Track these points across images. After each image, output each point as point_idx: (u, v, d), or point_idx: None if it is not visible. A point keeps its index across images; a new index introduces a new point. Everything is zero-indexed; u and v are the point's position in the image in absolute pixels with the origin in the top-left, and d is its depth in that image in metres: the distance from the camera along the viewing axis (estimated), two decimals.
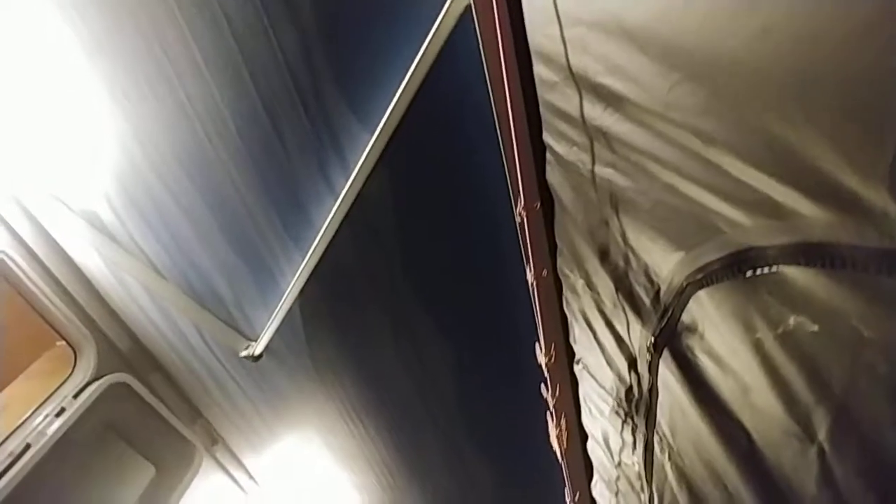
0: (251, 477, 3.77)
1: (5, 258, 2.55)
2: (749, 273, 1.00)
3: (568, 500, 2.21)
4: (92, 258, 2.59)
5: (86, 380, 2.79)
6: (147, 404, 2.99)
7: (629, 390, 1.54)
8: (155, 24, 1.61)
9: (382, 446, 2.64)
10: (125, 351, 2.96)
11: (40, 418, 2.63)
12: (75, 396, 2.73)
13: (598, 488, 2.14)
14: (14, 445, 2.48)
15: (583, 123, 1.24)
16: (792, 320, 0.95)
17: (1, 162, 2.27)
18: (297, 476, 3.42)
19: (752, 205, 0.94)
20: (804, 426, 1.02)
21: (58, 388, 2.75)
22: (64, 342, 2.91)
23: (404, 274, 1.84)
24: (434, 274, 1.82)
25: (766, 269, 0.97)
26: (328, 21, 1.46)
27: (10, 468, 2.43)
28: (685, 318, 1.20)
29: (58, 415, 2.66)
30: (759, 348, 1.05)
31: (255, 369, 2.54)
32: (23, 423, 2.59)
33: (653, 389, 1.42)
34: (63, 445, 2.58)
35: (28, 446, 2.52)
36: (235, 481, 3.70)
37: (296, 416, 2.82)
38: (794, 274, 0.91)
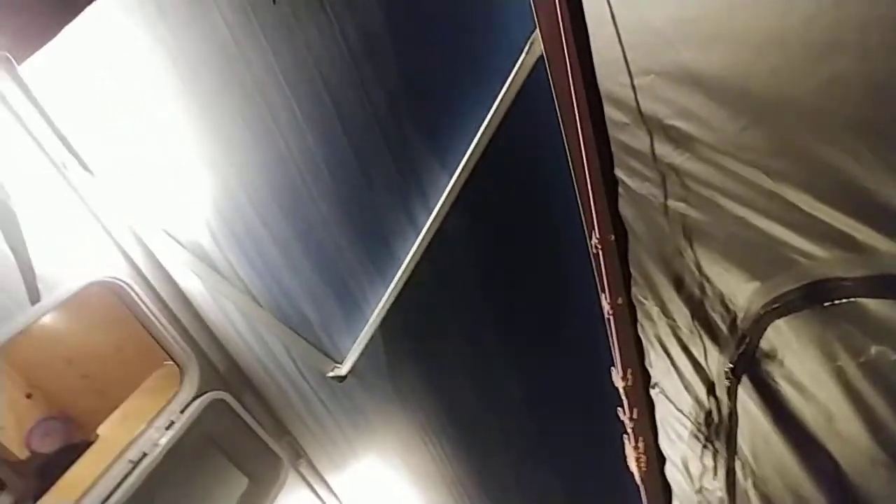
0: (333, 492, 3.96)
1: (125, 286, 2.90)
2: (827, 303, 1.04)
3: None
4: (195, 285, 2.90)
5: (190, 397, 3.08)
6: (241, 420, 3.25)
7: (708, 415, 1.56)
8: (258, 82, 1.85)
9: (458, 466, 2.74)
10: (223, 371, 3.25)
11: (153, 430, 2.94)
12: (182, 412, 3.02)
13: None
14: (133, 454, 2.79)
15: (654, 161, 1.32)
16: (874, 350, 0.98)
17: (122, 199, 2.62)
18: (377, 493, 3.57)
19: (827, 238, 0.99)
20: (892, 454, 1.04)
21: (167, 404, 3.06)
22: (171, 362, 3.24)
23: (482, 305, 1.95)
24: (510, 304, 1.93)
25: (844, 300, 1.01)
26: (412, 75, 1.63)
27: (129, 475, 2.73)
28: (763, 345, 1.23)
29: (167, 428, 2.96)
30: (840, 376, 1.08)
31: (339, 390, 2.72)
32: (140, 434, 2.90)
33: (732, 415, 1.44)
34: (172, 456, 2.86)
35: (144, 455, 2.82)
36: (318, 496, 3.90)
37: (376, 435, 2.98)
38: (874, 305, 0.95)
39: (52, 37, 1.72)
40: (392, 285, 1.99)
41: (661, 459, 2.01)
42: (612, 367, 1.64)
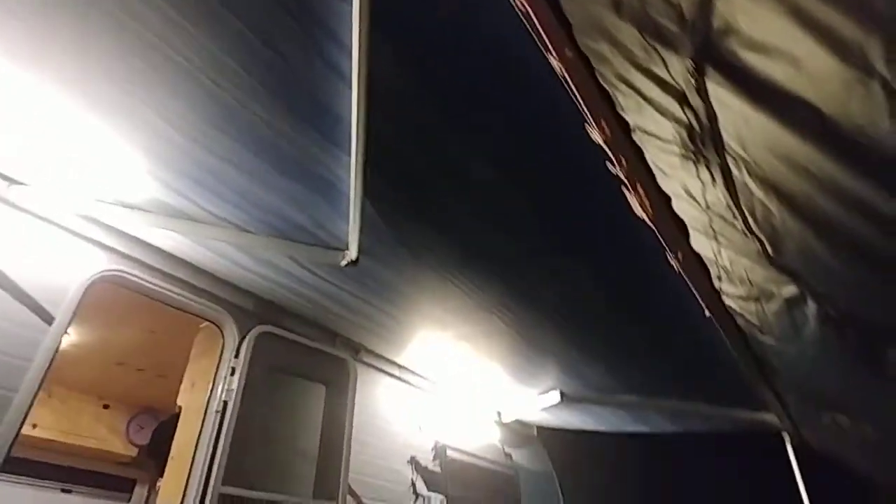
0: (399, 366, 4.31)
1: (122, 274, 2.91)
2: None
3: (672, 262, 2.35)
4: (187, 244, 2.89)
5: (236, 342, 3.23)
6: (291, 341, 3.44)
7: (690, 129, 1.57)
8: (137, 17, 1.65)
9: (490, 291, 2.90)
10: (253, 308, 3.37)
11: (221, 381, 3.13)
12: (236, 357, 3.19)
13: (698, 241, 2.24)
14: (216, 405, 3.01)
15: None
16: None
17: (67, 194, 2.52)
18: (435, 351, 3.86)
19: None
20: (861, 64, 1.03)
21: (220, 356, 3.23)
22: (206, 322, 3.36)
23: (447, 127, 1.90)
24: (473, 108, 1.86)
25: None
26: None
27: (222, 422, 2.97)
28: (716, 22, 1.18)
29: (232, 374, 3.15)
30: (796, 12, 1.04)
31: (359, 273, 2.81)
32: (212, 389, 3.10)
33: (710, 114, 1.44)
34: (249, 394, 3.09)
35: (225, 403, 3.05)
36: (389, 374, 4.24)
37: (408, 299, 3.13)
38: None
39: None
40: (353, 147, 1.94)
41: (666, 199, 2.07)
42: (586, 125, 1.62)
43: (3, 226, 2.49)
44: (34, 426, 4.39)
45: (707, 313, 2.68)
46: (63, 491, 4.71)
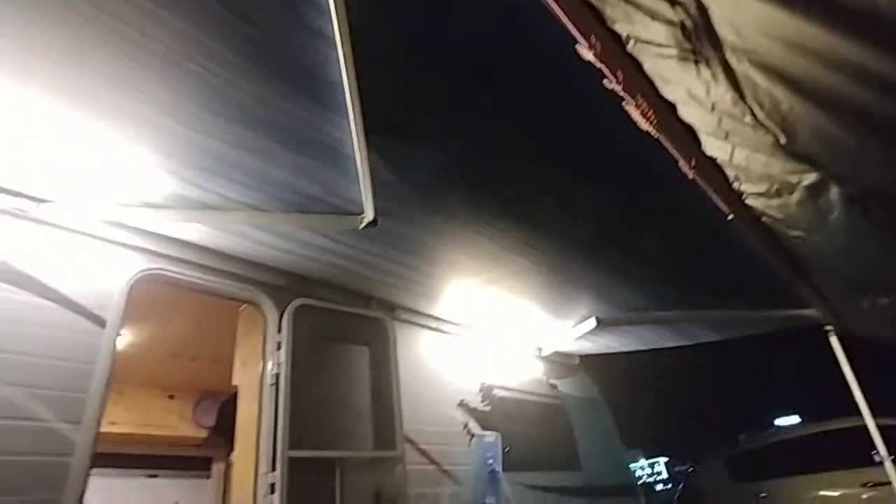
0: (435, 318, 4.43)
1: (160, 272, 3.05)
2: None
3: (687, 171, 2.31)
4: (212, 233, 3.00)
5: (277, 318, 3.38)
6: (328, 310, 3.57)
7: (683, 28, 1.52)
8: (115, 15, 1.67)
9: (514, 230, 2.92)
10: (286, 284, 3.50)
11: (270, 357, 3.30)
12: (279, 332, 3.34)
13: (710, 145, 2.20)
14: (269, 379, 3.19)
15: None
16: None
17: (91, 203, 2.63)
18: (469, 299, 3.95)
19: None
20: None
21: (264, 333, 3.39)
22: (243, 304, 3.51)
23: (440, 72, 1.88)
24: (456, 50, 1.84)
25: None
26: None
27: (278, 395, 3.15)
28: None
29: (278, 349, 3.31)
30: None
31: (380, 233, 2.87)
32: (264, 365, 3.28)
33: (700, 7, 1.39)
34: (297, 364, 3.25)
35: (277, 376, 3.22)
36: (426, 327, 4.38)
37: (432, 250, 3.19)
38: None
39: None
40: (350, 109, 1.94)
41: (671, 107, 2.02)
42: (576, 45, 1.59)
43: (40, 243, 2.62)
44: (113, 423, 4.73)
45: (730, 216, 2.66)
46: (149, 476, 5.13)
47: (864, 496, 6.63)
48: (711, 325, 4.59)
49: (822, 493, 7.04)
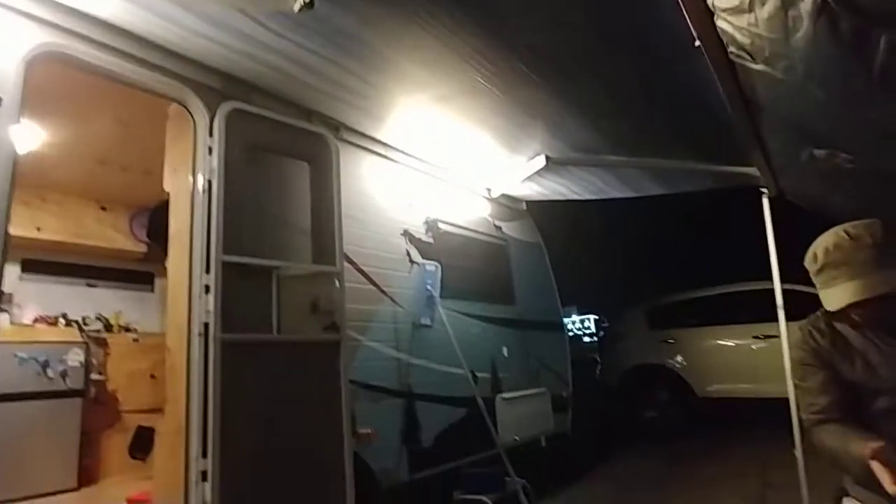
0: (385, 144, 4.27)
1: (67, 51, 2.67)
2: None
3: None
4: (128, 12, 2.60)
5: (206, 122, 3.12)
6: (265, 118, 3.33)
7: None
8: None
9: (464, 37, 2.66)
10: (219, 87, 3.20)
11: (201, 163, 3.11)
12: (210, 135, 3.11)
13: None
14: (201, 185, 3.04)
15: None
16: None
17: None
18: (416, 116, 3.75)
19: None
20: None
21: (195, 138, 3.15)
22: (174, 105, 3.21)
23: None
24: None
25: None
26: None
27: (210, 201, 3.03)
28: None
29: (210, 154, 3.11)
30: None
31: (318, 25, 2.56)
32: (194, 171, 3.10)
33: None
34: (232, 172, 3.08)
35: (210, 182, 3.06)
36: (374, 153, 4.23)
37: (377, 53, 2.87)
38: None
39: None
40: None
41: None
42: None
43: None
44: (38, 229, 4.56)
45: (697, 42, 2.51)
46: (89, 285, 5.13)
47: (754, 346, 7.62)
48: (656, 177, 4.67)
49: (720, 342, 8.05)
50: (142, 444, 4.48)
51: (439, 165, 4.68)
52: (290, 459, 3.03)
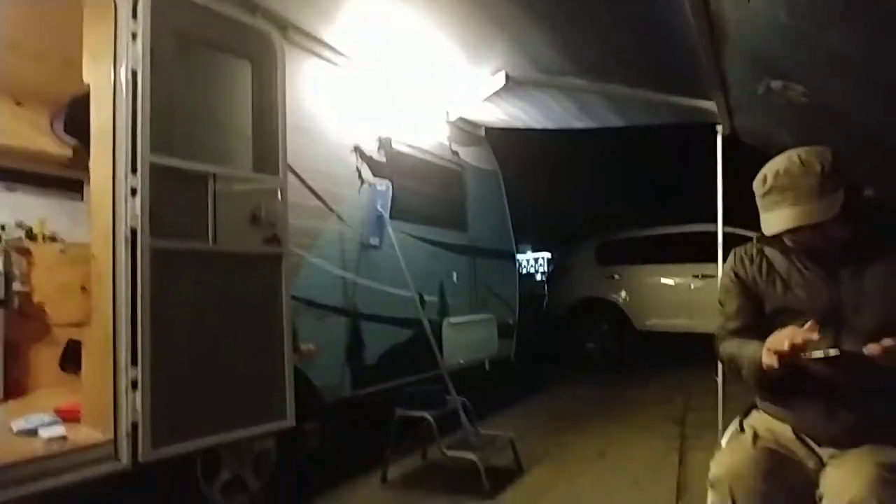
0: (338, 52, 3.96)
1: None
2: None
3: None
4: None
5: (130, 3, 2.76)
6: (199, 6, 2.98)
7: None
8: None
9: None
10: None
11: (124, 49, 2.77)
12: (134, 18, 2.76)
13: None
14: (124, 75, 2.73)
15: None
16: None
17: None
18: (372, 14, 3.47)
19: None
20: None
21: (115, 20, 2.80)
22: None
23: None
24: None
25: None
26: None
27: (136, 94, 2.73)
28: None
29: (134, 40, 2.77)
30: None
31: None
32: (116, 57, 2.77)
33: None
34: (160, 64, 2.78)
35: (135, 73, 2.75)
36: (326, 60, 3.93)
37: None
38: None
39: None
40: None
41: None
42: None
43: None
44: None
45: None
46: (8, 190, 4.70)
47: (693, 286, 8.00)
48: (617, 107, 4.59)
49: (662, 280, 8.41)
50: (73, 357, 4.30)
51: (396, 76, 4.41)
52: (227, 371, 2.97)
